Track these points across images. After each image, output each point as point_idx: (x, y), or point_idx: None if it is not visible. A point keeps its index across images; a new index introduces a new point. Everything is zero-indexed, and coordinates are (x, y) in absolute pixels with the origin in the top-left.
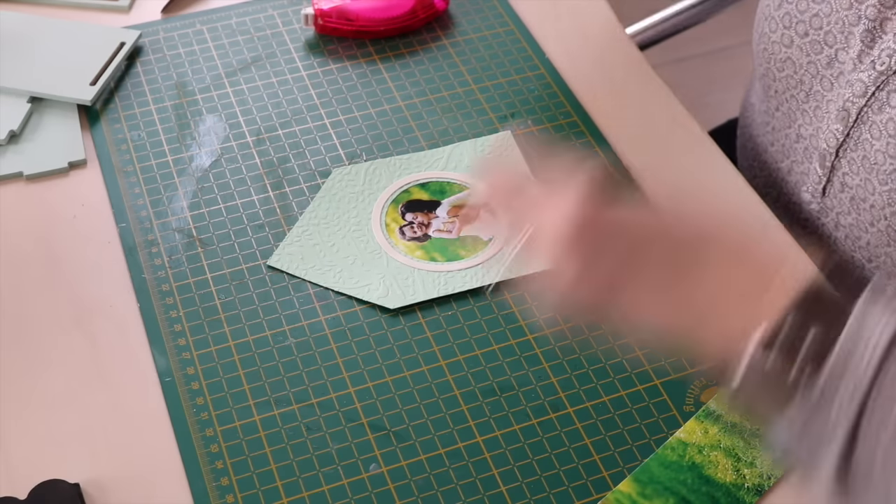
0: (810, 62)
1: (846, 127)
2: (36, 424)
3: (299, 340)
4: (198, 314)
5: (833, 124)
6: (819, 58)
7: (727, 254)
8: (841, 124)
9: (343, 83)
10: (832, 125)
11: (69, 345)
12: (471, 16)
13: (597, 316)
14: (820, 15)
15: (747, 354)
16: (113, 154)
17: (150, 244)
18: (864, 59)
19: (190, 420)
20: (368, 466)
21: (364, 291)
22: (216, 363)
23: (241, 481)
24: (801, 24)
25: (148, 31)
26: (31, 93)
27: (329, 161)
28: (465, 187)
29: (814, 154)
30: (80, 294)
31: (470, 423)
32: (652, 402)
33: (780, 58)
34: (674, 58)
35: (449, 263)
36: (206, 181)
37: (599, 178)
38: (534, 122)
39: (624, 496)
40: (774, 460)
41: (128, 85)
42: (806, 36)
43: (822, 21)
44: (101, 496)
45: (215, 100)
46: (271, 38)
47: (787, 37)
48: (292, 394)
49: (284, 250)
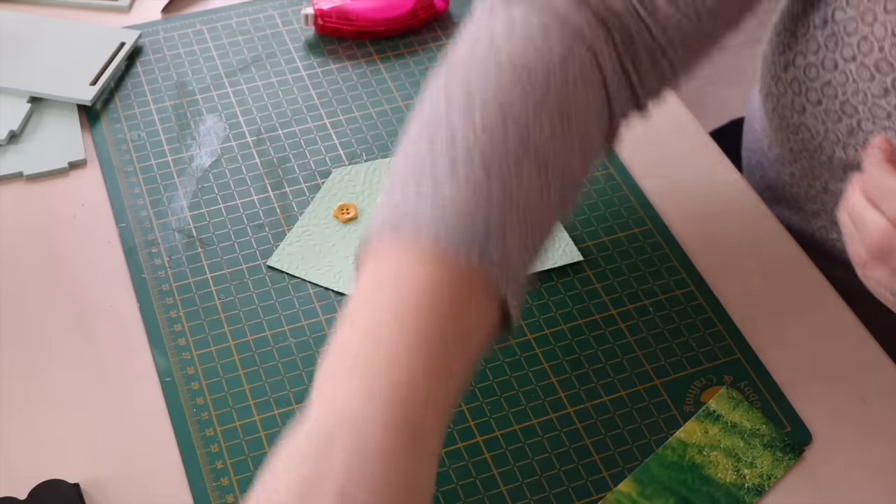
0: (828, 130)
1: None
2: (36, 424)
3: (299, 340)
4: (198, 314)
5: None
6: (838, 126)
7: None
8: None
9: (343, 83)
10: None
11: (69, 345)
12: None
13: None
14: (833, 84)
15: None
16: (113, 154)
17: (150, 244)
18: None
19: (190, 420)
20: None
21: None
22: (216, 363)
23: (241, 481)
24: (813, 93)
25: (148, 31)
26: (31, 93)
27: (329, 161)
28: None
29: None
30: (80, 294)
31: (470, 423)
32: (652, 402)
33: (794, 122)
34: None
35: None
36: (206, 181)
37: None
38: None
39: (624, 496)
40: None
41: (128, 85)
42: (819, 104)
43: (836, 90)
44: (101, 496)
45: (215, 100)
46: (271, 38)
47: (798, 103)
48: (292, 394)
49: (284, 250)
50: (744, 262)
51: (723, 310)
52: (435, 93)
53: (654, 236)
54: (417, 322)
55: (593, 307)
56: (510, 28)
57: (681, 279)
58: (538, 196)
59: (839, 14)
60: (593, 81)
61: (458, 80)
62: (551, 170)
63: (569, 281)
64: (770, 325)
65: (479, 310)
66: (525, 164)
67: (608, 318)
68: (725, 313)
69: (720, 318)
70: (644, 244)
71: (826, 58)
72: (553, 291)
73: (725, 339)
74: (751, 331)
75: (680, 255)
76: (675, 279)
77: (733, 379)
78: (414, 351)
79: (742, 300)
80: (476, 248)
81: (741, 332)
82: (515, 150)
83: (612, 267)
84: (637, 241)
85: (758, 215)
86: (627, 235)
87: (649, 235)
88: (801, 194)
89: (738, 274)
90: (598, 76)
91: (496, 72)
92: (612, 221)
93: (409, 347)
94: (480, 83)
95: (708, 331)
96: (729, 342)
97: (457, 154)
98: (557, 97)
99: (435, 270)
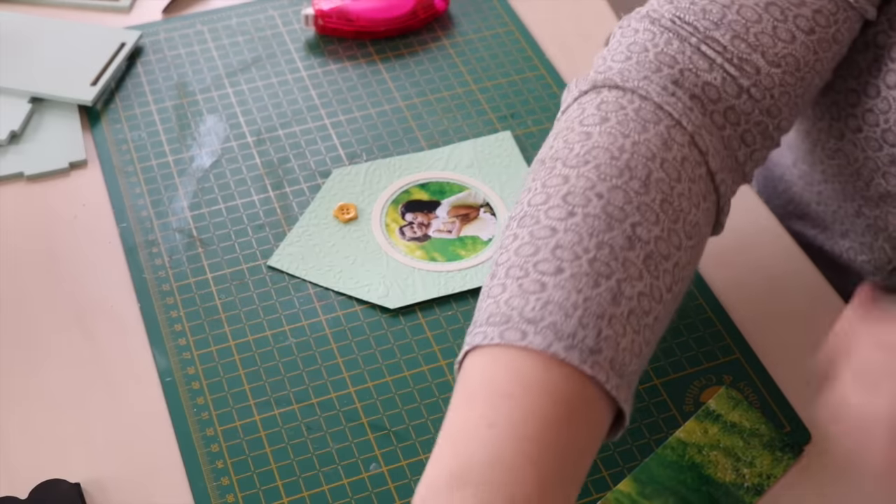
0: (868, 158)
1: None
2: (36, 424)
3: (299, 340)
4: (198, 314)
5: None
6: (878, 155)
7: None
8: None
9: (343, 83)
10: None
11: (69, 344)
12: (471, 16)
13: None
14: (875, 111)
15: None
16: (113, 154)
17: (150, 244)
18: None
19: (190, 420)
20: (368, 466)
21: (364, 291)
22: (216, 363)
23: (241, 481)
24: (853, 119)
25: (148, 31)
26: (32, 93)
27: (329, 161)
28: (465, 187)
29: (880, 235)
30: (80, 294)
31: None
32: (652, 401)
33: (829, 147)
34: None
35: (449, 263)
36: (206, 181)
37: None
38: (534, 122)
39: (624, 496)
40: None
41: (128, 85)
42: (859, 132)
43: (877, 118)
44: (102, 496)
45: (216, 100)
46: (271, 39)
47: (836, 129)
48: (292, 393)
49: (285, 251)
50: (744, 262)
51: (723, 310)
52: (533, 191)
53: None
54: (539, 432)
55: None
56: (603, 119)
57: None
58: (649, 296)
59: (882, 38)
60: (697, 169)
61: (556, 178)
62: (661, 268)
63: None
64: (770, 325)
65: (593, 416)
66: (634, 264)
67: None
68: (725, 313)
69: (720, 318)
70: None
71: (869, 84)
72: None
73: (725, 339)
74: (751, 331)
75: None
76: None
77: (733, 379)
78: (534, 462)
79: (742, 300)
80: (589, 355)
81: (741, 332)
82: (622, 250)
83: None
84: None
85: (758, 217)
86: None
87: None
88: (828, 214)
89: (738, 274)
90: (703, 164)
91: (595, 169)
92: None
93: (530, 458)
94: (579, 180)
95: (708, 331)
96: (729, 342)
97: (563, 255)
98: (661, 193)
99: (551, 377)
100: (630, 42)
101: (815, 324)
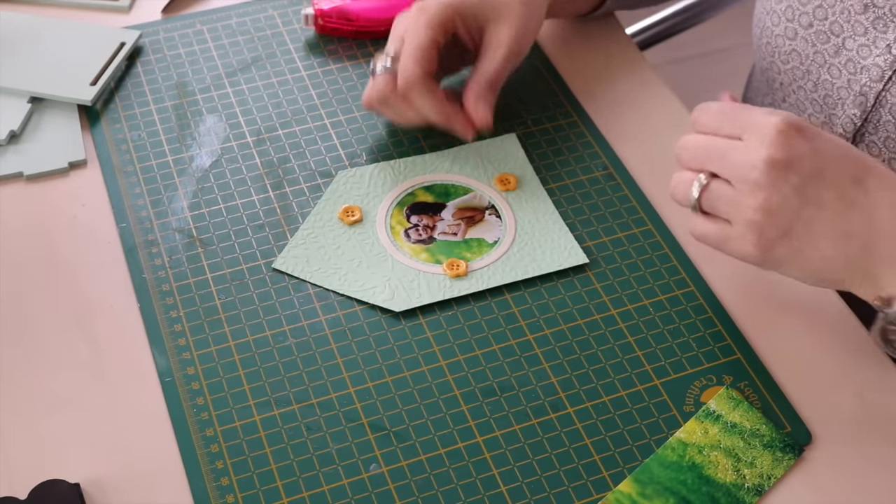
0: (817, 52)
1: (864, 112)
2: (36, 424)
3: (299, 340)
4: (198, 314)
5: (850, 110)
6: (826, 47)
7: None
8: (858, 109)
9: (343, 83)
10: (848, 111)
11: (69, 345)
12: None
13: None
14: (824, 6)
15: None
16: (113, 154)
17: (150, 244)
18: (879, 43)
19: (190, 420)
20: (368, 466)
21: (369, 294)
22: (216, 363)
23: (241, 481)
24: (805, 16)
25: (148, 31)
26: (32, 93)
27: (329, 161)
28: (470, 190)
29: None
30: (80, 294)
31: (470, 423)
32: (652, 402)
33: (785, 50)
34: (673, 58)
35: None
36: (206, 181)
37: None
38: (534, 122)
39: (624, 496)
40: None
41: (128, 85)
42: (810, 27)
43: (826, 12)
44: (101, 496)
45: (215, 100)
46: (271, 39)
47: (790, 29)
48: (292, 394)
49: (289, 253)
50: (744, 262)
51: (723, 310)
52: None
53: (654, 236)
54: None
55: (593, 307)
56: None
57: (681, 279)
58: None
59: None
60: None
61: None
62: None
63: (569, 281)
64: (770, 325)
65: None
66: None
67: (608, 318)
68: (725, 313)
69: (720, 318)
70: (644, 244)
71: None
72: (553, 291)
73: (725, 340)
74: (751, 331)
75: (680, 255)
76: (675, 279)
77: (733, 379)
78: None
79: (742, 300)
80: None
81: (741, 332)
82: None
83: (612, 267)
84: (637, 241)
85: None
86: (627, 235)
87: (649, 235)
88: None
89: (738, 274)
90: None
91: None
92: (612, 221)
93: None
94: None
95: (708, 331)
96: (729, 342)
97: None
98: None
99: None
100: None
101: (816, 324)
